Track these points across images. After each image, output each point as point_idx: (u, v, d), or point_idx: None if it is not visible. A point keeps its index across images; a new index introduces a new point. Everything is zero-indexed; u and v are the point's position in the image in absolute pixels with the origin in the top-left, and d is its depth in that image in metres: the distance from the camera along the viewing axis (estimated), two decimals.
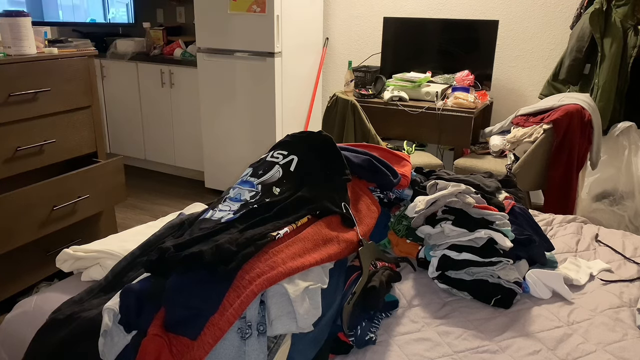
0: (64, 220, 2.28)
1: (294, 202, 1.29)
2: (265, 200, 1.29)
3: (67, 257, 1.44)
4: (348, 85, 3.55)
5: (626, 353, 1.18)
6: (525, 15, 3.33)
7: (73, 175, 2.31)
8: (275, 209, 1.26)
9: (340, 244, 1.26)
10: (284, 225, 1.23)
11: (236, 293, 1.07)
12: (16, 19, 2.19)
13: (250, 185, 1.35)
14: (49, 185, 2.20)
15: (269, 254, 1.15)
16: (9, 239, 2.06)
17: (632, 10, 2.76)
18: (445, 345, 1.19)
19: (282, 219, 1.24)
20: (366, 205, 1.49)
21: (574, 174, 2.65)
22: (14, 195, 2.06)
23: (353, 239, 1.31)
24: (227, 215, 1.27)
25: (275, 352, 1.05)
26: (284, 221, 1.24)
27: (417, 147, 3.31)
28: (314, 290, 1.12)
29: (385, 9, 3.70)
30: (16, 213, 2.07)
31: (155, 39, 3.98)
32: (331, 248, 1.24)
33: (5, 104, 2.16)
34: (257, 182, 1.35)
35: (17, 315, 1.33)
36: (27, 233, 2.13)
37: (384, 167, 1.56)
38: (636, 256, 1.64)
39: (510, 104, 3.46)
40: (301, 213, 1.27)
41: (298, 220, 1.26)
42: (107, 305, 1.11)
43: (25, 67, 2.22)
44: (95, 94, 2.59)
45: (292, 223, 1.25)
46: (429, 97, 3.15)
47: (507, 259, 1.36)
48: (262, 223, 1.22)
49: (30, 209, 2.13)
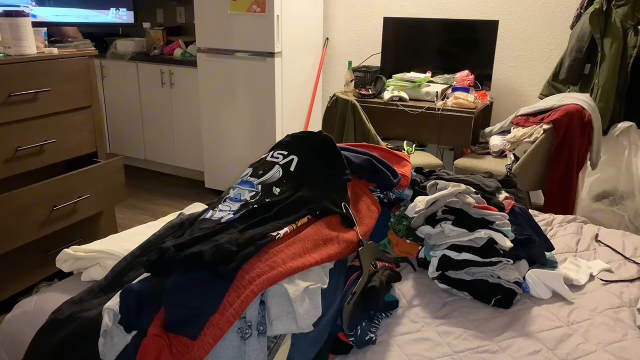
0: (64, 220, 2.28)
1: (294, 202, 1.29)
2: (265, 200, 1.29)
3: (67, 257, 1.44)
4: (348, 85, 3.55)
5: (626, 353, 1.18)
6: (525, 15, 3.33)
7: (73, 175, 2.31)
8: (275, 209, 1.26)
9: (340, 244, 1.26)
10: (284, 225, 1.23)
11: (236, 293, 1.07)
12: (16, 19, 2.19)
13: (250, 185, 1.35)
14: (49, 185, 2.20)
15: (269, 254, 1.15)
16: (9, 239, 2.06)
17: (632, 10, 2.76)
18: (445, 345, 1.18)
19: (282, 219, 1.24)
20: (366, 205, 1.49)
21: (574, 174, 2.65)
22: (14, 195, 2.06)
23: (353, 239, 1.31)
24: (227, 215, 1.27)
25: (275, 352, 1.05)
26: (284, 221, 1.24)
27: (417, 147, 3.31)
28: (314, 290, 1.12)
29: (385, 9, 3.70)
30: (16, 213, 2.07)
31: (155, 39, 3.98)
32: (331, 248, 1.24)
33: (5, 104, 2.16)
34: (257, 182, 1.35)
35: (17, 315, 1.33)
36: (27, 233, 2.13)
37: (384, 167, 1.56)
38: (636, 256, 1.64)
39: (510, 104, 3.46)
40: (301, 213, 1.27)
41: (298, 220, 1.26)
42: (107, 305, 1.11)
43: (25, 67, 2.22)
44: (95, 94, 2.59)
45: (292, 223, 1.25)
46: (429, 97, 3.15)
47: (507, 259, 1.36)
48: (262, 223, 1.23)
49: (30, 209, 2.13)
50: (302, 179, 1.38)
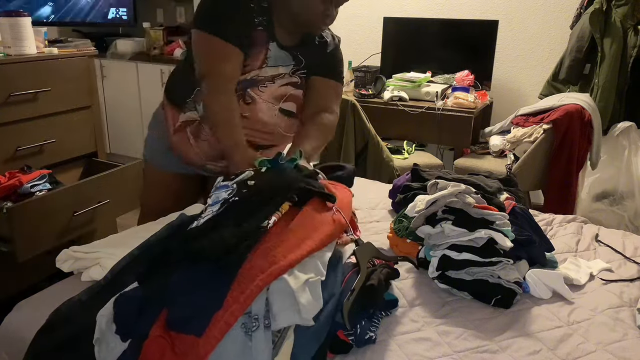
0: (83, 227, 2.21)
1: (272, 188, 1.30)
2: (243, 191, 1.30)
3: (67, 257, 1.44)
4: (348, 85, 3.55)
5: (626, 353, 1.18)
6: (525, 15, 3.33)
7: (94, 180, 2.25)
8: (254, 197, 1.27)
9: (329, 226, 1.28)
10: (271, 214, 1.25)
11: (240, 289, 1.07)
12: (16, 19, 2.19)
13: (225, 187, 1.37)
14: (70, 191, 2.15)
15: (267, 250, 1.15)
16: (33, 246, 2.00)
17: (632, 10, 2.76)
18: (445, 345, 1.19)
19: (265, 208, 1.26)
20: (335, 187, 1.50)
21: (574, 174, 2.66)
22: (36, 202, 2.01)
23: (340, 219, 1.32)
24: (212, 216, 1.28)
25: (280, 346, 1.06)
26: (267, 209, 1.25)
27: (417, 147, 3.31)
28: (314, 282, 1.13)
29: (385, 9, 3.71)
30: (38, 219, 2.01)
31: (155, 39, 3.98)
32: (322, 232, 1.25)
33: (5, 104, 2.16)
34: (231, 182, 1.37)
35: (17, 315, 1.33)
36: (49, 240, 2.07)
37: None
38: (636, 256, 1.64)
39: (510, 104, 3.46)
40: (280, 198, 1.28)
41: (280, 207, 1.27)
42: (100, 313, 1.11)
43: (25, 67, 2.22)
44: (95, 94, 2.59)
45: (277, 211, 1.26)
46: (429, 97, 3.15)
47: (507, 259, 1.36)
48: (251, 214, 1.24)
49: (51, 215, 2.07)
50: (274, 173, 1.41)
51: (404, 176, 1.93)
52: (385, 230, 1.73)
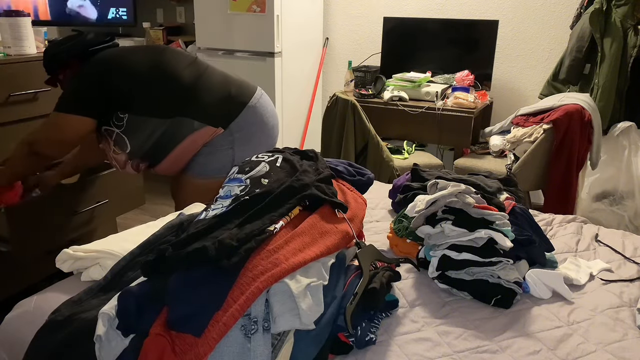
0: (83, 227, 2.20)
1: (284, 191, 1.29)
2: (255, 191, 1.29)
3: (67, 257, 1.44)
4: (348, 85, 3.55)
5: (626, 353, 1.18)
6: (525, 15, 3.33)
7: (93, 180, 2.24)
8: (267, 199, 1.27)
9: (337, 235, 1.27)
10: (279, 218, 1.24)
11: (240, 290, 1.07)
12: (16, 19, 2.19)
13: (239, 181, 1.36)
14: (69, 190, 2.14)
15: (270, 252, 1.15)
16: (34, 245, 1.99)
17: (632, 10, 2.76)
18: (445, 345, 1.19)
19: (274, 210, 1.25)
20: (353, 198, 1.50)
21: (574, 174, 2.65)
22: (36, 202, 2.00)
23: (348, 230, 1.31)
24: (220, 211, 1.28)
25: (279, 349, 1.05)
26: (277, 213, 1.25)
27: (417, 147, 3.31)
28: (315, 287, 1.13)
29: (385, 9, 3.70)
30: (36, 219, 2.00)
31: (155, 39, 3.98)
32: (329, 240, 1.24)
33: (5, 104, 2.16)
34: (245, 177, 1.36)
35: (17, 315, 1.33)
36: (49, 240, 2.06)
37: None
38: (636, 256, 1.64)
39: (510, 104, 3.46)
40: (292, 203, 1.28)
41: (290, 212, 1.27)
42: (102, 310, 1.11)
43: (25, 67, 2.22)
44: None
45: (286, 215, 1.25)
46: (429, 97, 3.15)
47: (507, 259, 1.36)
48: (257, 216, 1.23)
49: (51, 215, 2.06)
50: (289, 172, 1.40)
51: (404, 176, 1.93)
52: (385, 230, 1.74)
